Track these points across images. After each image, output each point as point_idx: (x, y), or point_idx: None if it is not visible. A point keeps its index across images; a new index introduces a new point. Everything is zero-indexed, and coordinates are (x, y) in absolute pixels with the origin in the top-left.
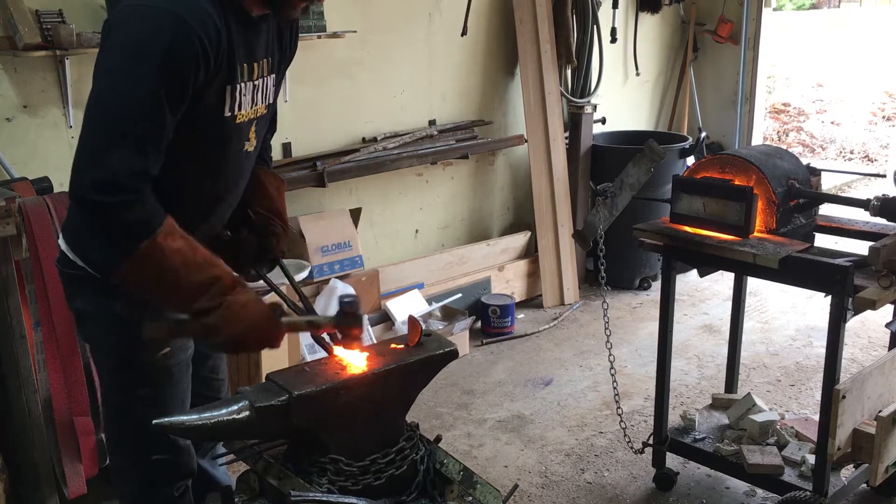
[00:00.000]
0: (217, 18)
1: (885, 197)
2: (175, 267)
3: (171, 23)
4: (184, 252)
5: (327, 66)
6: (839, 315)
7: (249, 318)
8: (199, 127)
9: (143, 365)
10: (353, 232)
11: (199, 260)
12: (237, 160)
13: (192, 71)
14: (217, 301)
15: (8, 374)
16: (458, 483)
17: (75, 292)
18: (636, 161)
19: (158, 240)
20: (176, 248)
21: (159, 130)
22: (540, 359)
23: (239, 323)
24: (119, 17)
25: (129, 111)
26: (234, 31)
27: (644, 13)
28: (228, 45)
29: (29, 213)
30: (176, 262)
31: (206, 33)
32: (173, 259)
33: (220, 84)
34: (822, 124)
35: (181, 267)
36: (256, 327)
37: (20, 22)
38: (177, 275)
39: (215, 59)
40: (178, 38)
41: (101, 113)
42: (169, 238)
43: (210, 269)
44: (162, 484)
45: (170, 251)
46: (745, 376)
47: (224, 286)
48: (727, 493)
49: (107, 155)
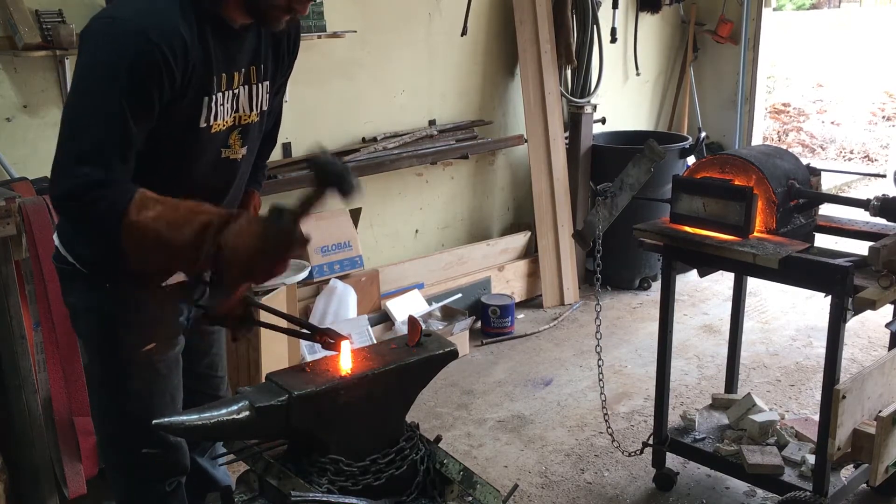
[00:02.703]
0: (186, 32)
1: (885, 197)
2: (161, 232)
3: (134, 40)
4: (163, 215)
5: (327, 66)
6: (839, 315)
7: (252, 240)
8: (173, 136)
9: (130, 361)
10: (353, 232)
11: (182, 216)
12: (220, 167)
13: (156, 86)
14: (217, 243)
15: (8, 374)
16: (458, 483)
17: (68, 287)
18: (636, 161)
19: (131, 217)
20: (153, 215)
21: (124, 144)
22: (540, 359)
23: (246, 250)
24: (87, 31)
25: (92, 126)
26: (212, 41)
27: (644, 13)
28: (205, 57)
29: (29, 213)
30: (160, 229)
31: (171, 48)
32: (156, 227)
33: (196, 95)
34: (822, 124)
35: (166, 230)
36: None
37: (20, 22)
38: (166, 238)
39: (182, 73)
40: (140, 53)
41: (67, 127)
42: (143, 211)
43: (195, 218)
44: (153, 480)
45: (148, 221)
46: (745, 376)
47: (216, 227)
48: (727, 493)
49: (73, 167)
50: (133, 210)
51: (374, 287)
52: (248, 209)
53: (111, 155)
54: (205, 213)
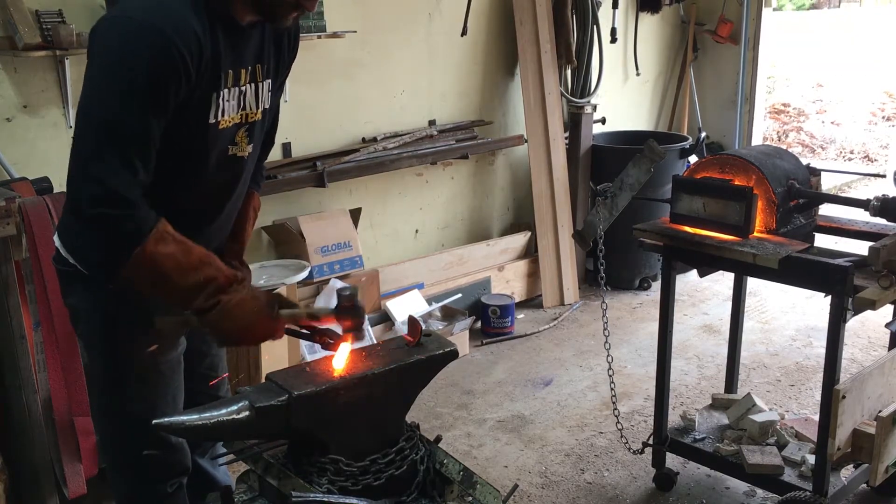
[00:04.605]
0: (199, 28)
1: (885, 197)
2: (168, 271)
3: (151, 36)
4: (175, 256)
5: (327, 66)
6: (839, 315)
7: (246, 315)
8: (183, 132)
9: (132, 362)
10: (353, 232)
11: (192, 262)
12: (227, 164)
13: (174, 83)
14: (213, 300)
15: (8, 374)
16: (458, 483)
17: (69, 288)
18: (636, 161)
19: (148, 248)
20: (167, 252)
21: (145, 142)
22: (540, 359)
23: (236, 320)
24: (101, 28)
25: (113, 125)
26: (221, 38)
27: (644, 13)
28: (214, 54)
29: (29, 213)
30: (168, 267)
31: (187, 45)
32: (165, 264)
33: (205, 91)
34: (822, 124)
35: (174, 271)
36: (254, 323)
37: (20, 22)
38: (170, 278)
39: (197, 71)
40: (158, 51)
41: (87, 127)
42: (160, 244)
43: (204, 269)
44: (154, 480)
45: (161, 256)
46: (745, 376)
47: (219, 286)
48: (727, 493)
49: (97, 170)
50: (151, 241)
51: (374, 287)
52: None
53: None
54: (213, 268)
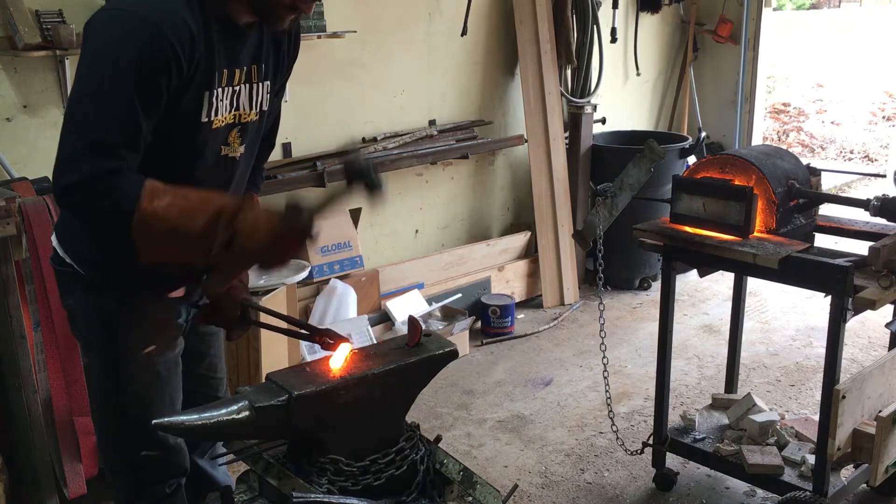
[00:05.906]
0: (193, 24)
1: (885, 197)
2: (174, 220)
3: (143, 28)
4: (176, 204)
5: (327, 66)
6: (839, 315)
7: (266, 230)
8: (175, 131)
9: (130, 362)
10: (353, 232)
11: (194, 204)
12: (220, 165)
13: (165, 76)
14: (230, 232)
15: (8, 374)
16: (457, 483)
17: (66, 289)
18: (636, 161)
19: (145, 206)
20: (166, 203)
21: (132, 133)
22: (540, 359)
23: (261, 236)
24: (94, 21)
25: (101, 116)
26: (216, 37)
27: (644, 13)
28: (207, 51)
29: (29, 213)
30: (173, 216)
31: (179, 39)
32: (169, 214)
33: (198, 89)
34: (822, 124)
35: (180, 218)
36: (280, 233)
37: (20, 22)
38: (180, 226)
39: (188, 65)
40: (150, 43)
41: (74, 118)
42: (155, 199)
43: (208, 206)
44: (153, 481)
45: (162, 209)
46: (745, 376)
47: (228, 215)
48: (727, 493)
49: (80, 160)
50: (145, 199)
51: (374, 287)
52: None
53: (122, 144)
54: (217, 200)
